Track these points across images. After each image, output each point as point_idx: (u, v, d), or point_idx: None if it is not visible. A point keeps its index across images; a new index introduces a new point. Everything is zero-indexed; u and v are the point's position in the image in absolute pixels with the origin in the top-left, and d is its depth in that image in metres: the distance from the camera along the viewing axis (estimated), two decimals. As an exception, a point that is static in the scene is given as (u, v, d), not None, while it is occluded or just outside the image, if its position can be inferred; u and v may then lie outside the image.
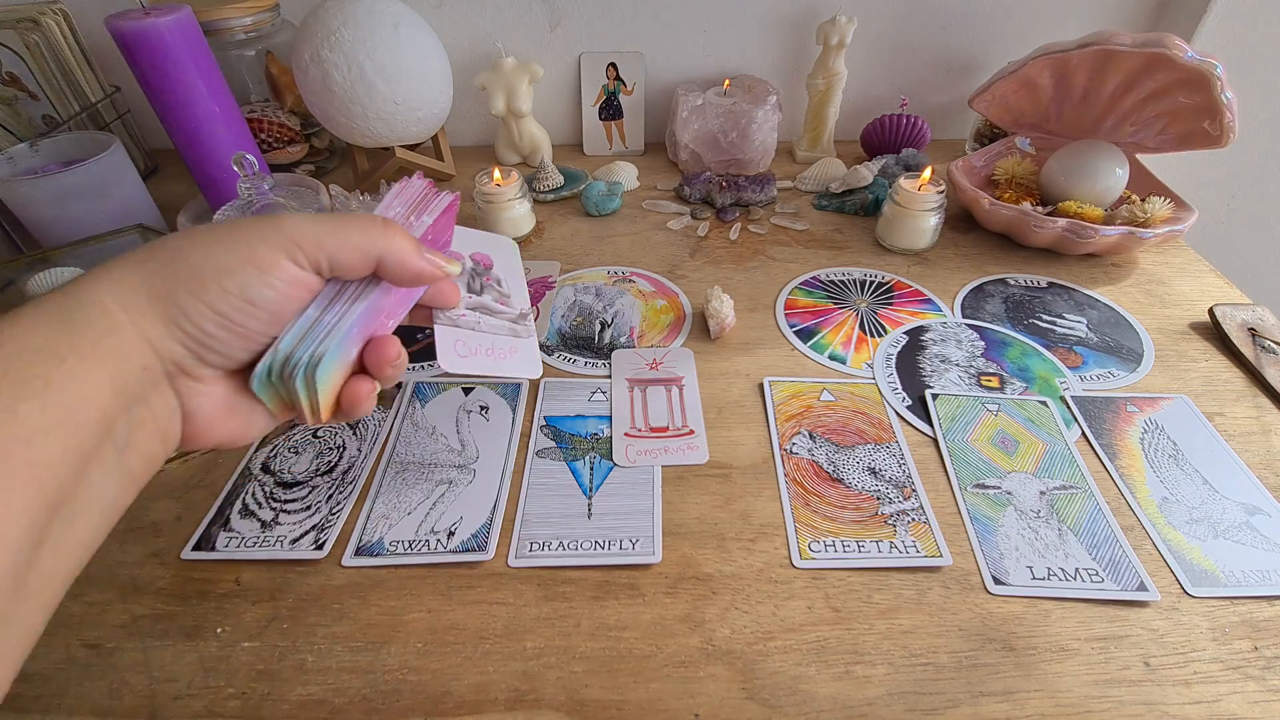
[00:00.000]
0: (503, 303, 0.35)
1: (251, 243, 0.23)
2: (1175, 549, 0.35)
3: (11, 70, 0.63)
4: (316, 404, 0.25)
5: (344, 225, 0.25)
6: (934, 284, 0.55)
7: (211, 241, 0.22)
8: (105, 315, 0.20)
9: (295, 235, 0.24)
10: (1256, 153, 0.79)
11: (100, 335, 0.20)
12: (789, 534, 0.36)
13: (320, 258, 0.24)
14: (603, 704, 0.29)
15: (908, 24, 0.73)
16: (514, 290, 0.36)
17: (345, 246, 0.25)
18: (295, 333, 0.25)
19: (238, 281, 0.22)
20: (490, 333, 0.33)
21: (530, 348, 0.35)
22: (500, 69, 0.68)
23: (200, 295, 0.22)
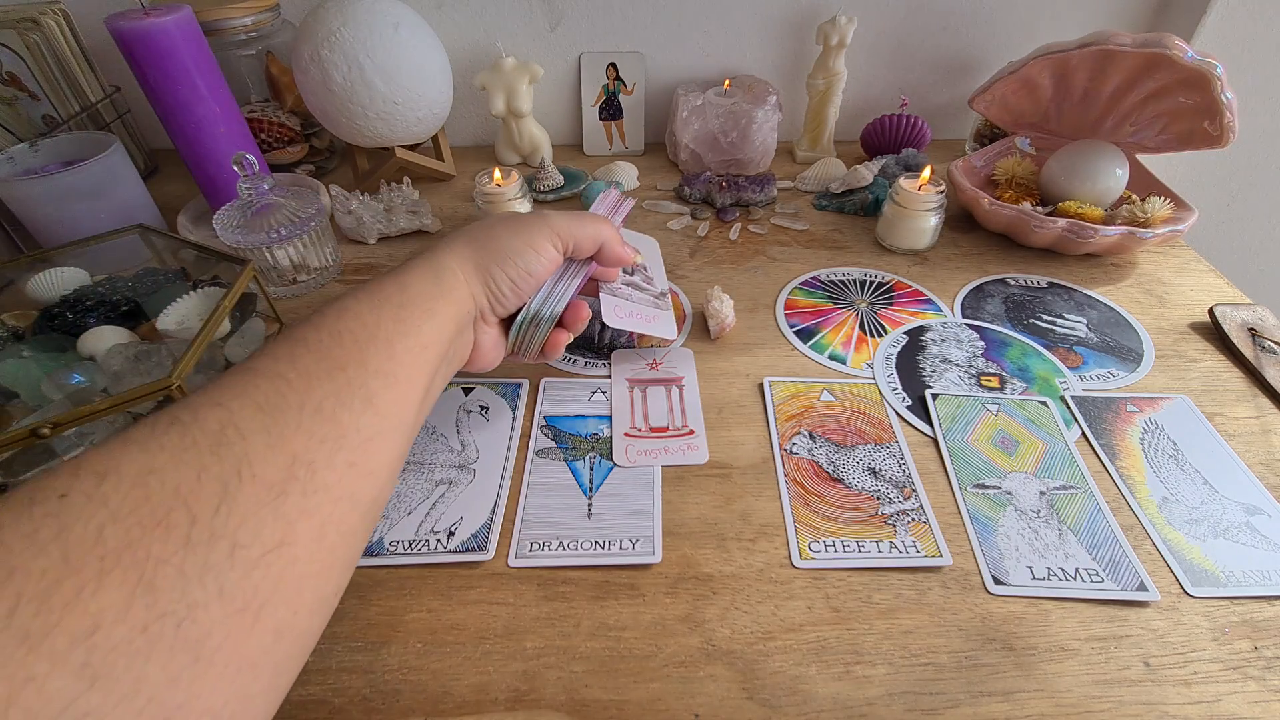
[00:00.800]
0: (647, 283, 0.46)
1: (531, 233, 0.34)
2: (1175, 549, 0.35)
3: (11, 70, 0.63)
4: (543, 346, 0.38)
5: (583, 220, 0.37)
6: (934, 284, 0.55)
7: (510, 231, 0.34)
8: (453, 276, 0.32)
9: (557, 227, 0.35)
10: (1256, 153, 0.79)
11: (452, 288, 0.32)
12: (789, 534, 0.36)
13: (570, 243, 0.36)
14: (603, 704, 0.29)
15: (908, 24, 0.73)
16: (655, 275, 0.48)
17: (584, 235, 0.36)
18: (540, 296, 0.37)
19: (525, 259, 0.34)
20: (639, 304, 0.44)
21: (668, 318, 0.45)
22: (500, 69, 0.68)
23: (503, 267, 0.33)
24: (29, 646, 0.15)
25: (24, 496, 0.18)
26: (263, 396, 0.22)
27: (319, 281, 0.56)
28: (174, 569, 0.18)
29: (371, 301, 0.28)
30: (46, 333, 0.43)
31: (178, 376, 0.37)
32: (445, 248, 0.33)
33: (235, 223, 0.50)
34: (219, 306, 0.42)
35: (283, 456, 0.21)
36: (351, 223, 0.61)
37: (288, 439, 0.22)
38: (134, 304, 0.46)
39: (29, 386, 0.40)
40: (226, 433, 0.21)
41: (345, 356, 0.25)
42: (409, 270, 0.31)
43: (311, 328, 0.26)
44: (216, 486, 0.19)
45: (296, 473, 0.21)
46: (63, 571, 0.16)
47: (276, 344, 0.25)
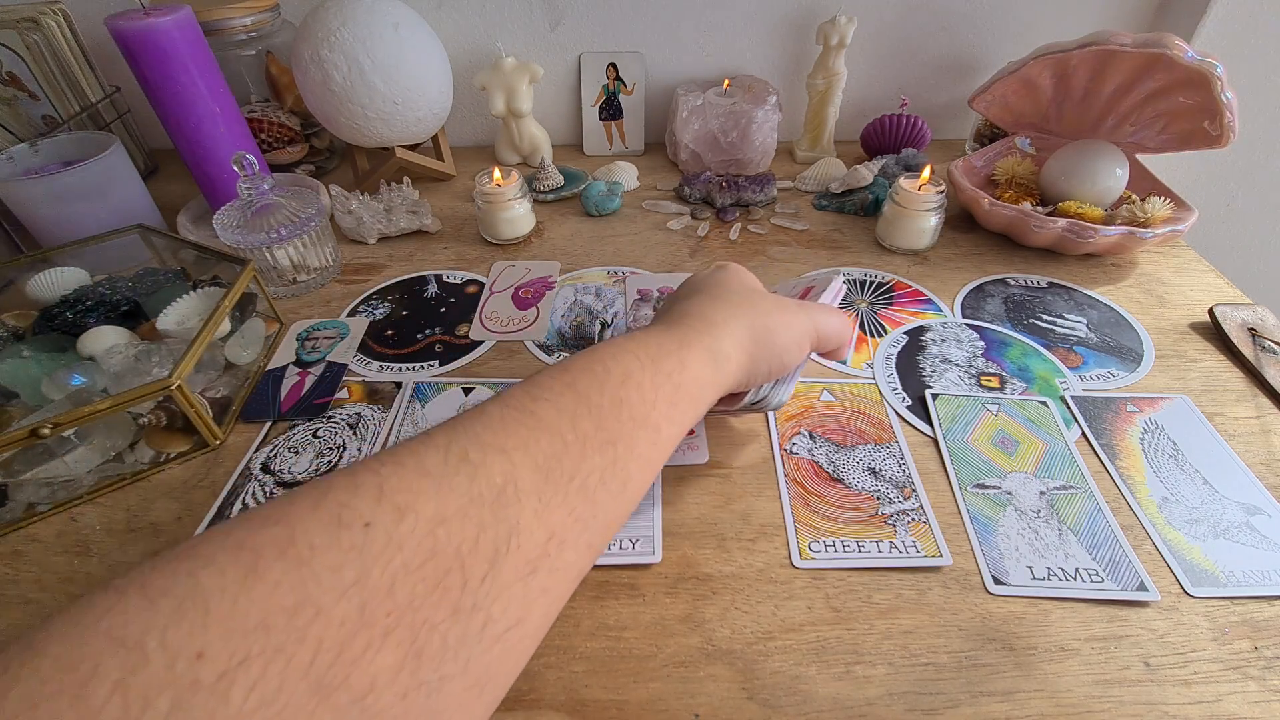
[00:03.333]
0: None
1: (798, 331, 0.34)
2: (1175, 549, 0.35)
3: (11, 70, 0.63)
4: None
5: (837, 322, 0.37)
6: (934, 284, 0.55)
7: (783, 325, 0.34)
8: (729, 364, 0.31)
9: (819, 325, 0.35)
10: (1256, 153, 0.79)
11: (726, 375, 0.31)
12: (789, 534, 0.36)
13: (821, 342, 0.36)
14: (603, 704, 0.29)
15: (908, 24, 0.73)
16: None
17: (833, 337, 0.36)
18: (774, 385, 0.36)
19: (789, 356, 0.34)
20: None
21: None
22: (500, 69, 0.68)
23: (769, 362, 0.33)
24: (320, 698, 0.15)
25: (333, 510, 0.18)
26: (542, 456, 0.22)
27: (319, 281, 0.56)
28: (440, 637, 0.18)
29: (654, 373, 0.27)
30: (46, 333, 0.44)
31: (178, 376, 0.37)
32: (726, 330, 0.31)
33: (235, 223, 0.50)
34: (219, 306, 0.42)
35: (544, 530, 0.21)
36: (351, 223, 0.61)
37: (553, 511, 0.21)
38: (134, 304, 0.46)
39: (29, 386, 0.40)
40: (507, 491, 0.20)
41: (619, 431, 0.25)
42: (689, 345, 0.29)
43: (594, 382, 0.25)
44: (489, 552, 0.19)
45: (549, 550, 0.21)
46: (358, 625, 0.16)
47: (559, 388, 0.24)
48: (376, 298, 0.55)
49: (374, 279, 0.57)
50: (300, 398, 0.45)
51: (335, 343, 0.49)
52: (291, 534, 0.17)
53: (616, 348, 0.28)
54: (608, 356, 0.27)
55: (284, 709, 0.15)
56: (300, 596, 0.16)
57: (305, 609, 0.16)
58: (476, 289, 0.56)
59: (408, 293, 0.55)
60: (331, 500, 0.18)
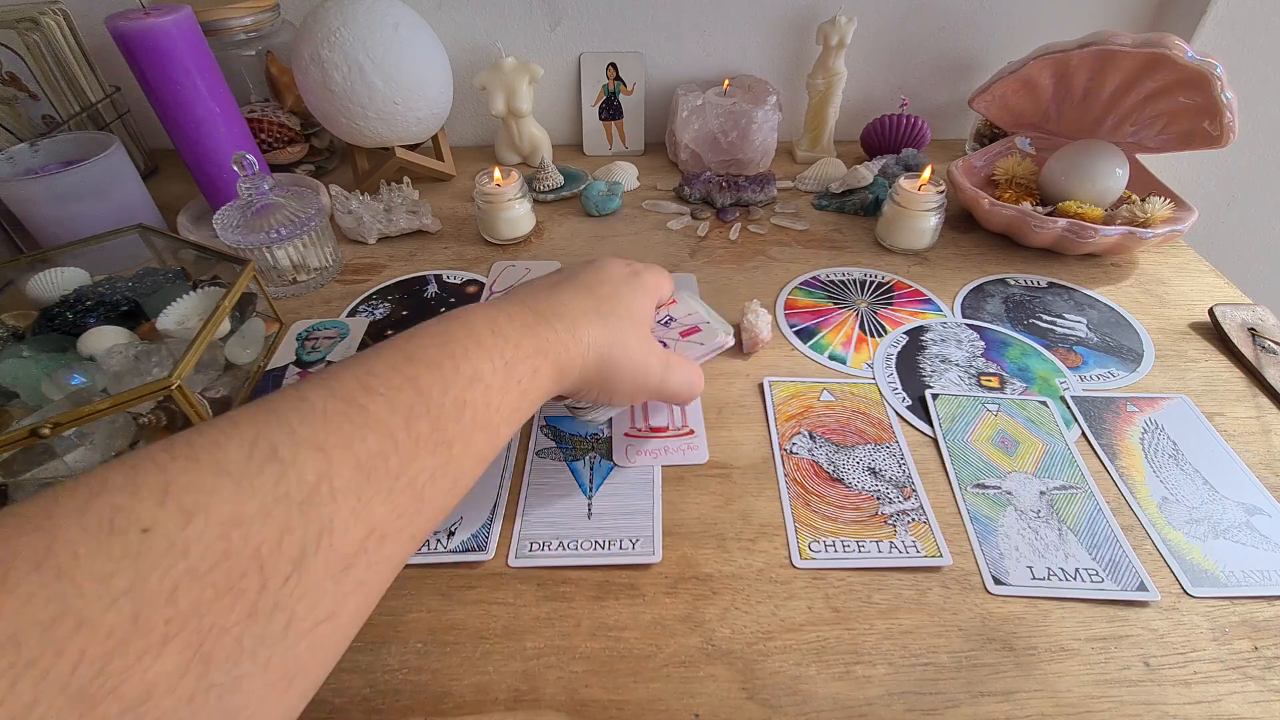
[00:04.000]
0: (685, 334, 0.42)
1: (644, 387, 0.33)
2: (1175, 549, 0.35)
3: (11, 70, 0.63)
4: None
5: (691, 383, 0.36)
6: (934, 284, 0.55)
7: (634, 373, 0.32)
8: (574, 376, 0.30)
9: (671, 387, 0.34)
10: (1256, 153, 0.79)
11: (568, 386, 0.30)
12: (789, 534, 0.36)
13: (658, 398, 0.35)
14: (603, 704, 0.29)
15: (908, 24, 0.73)
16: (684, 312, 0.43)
17: (680, 397, 0.36)
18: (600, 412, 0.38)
19: (620, 399, 0.33)
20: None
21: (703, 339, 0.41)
22: (500, 69, 0.68)
23: (602, 392, 0.32)
24: (83, 709, 0.14)
25: (104, 515, 0.16)
26: (366, 454, 0.21)
27: (319, 281, 0.56)
28: (232, 640, 0.17)
29: (505, 378, 0.26)
30: (46, 333, 0.43)
31: (178, 377, 0.37)
32: (584, 348, 0.30)
33: (235, 223, 0.50)
34: (219, 306, 0.42)
35: (363, 528, 0.20)
36: (351, 223, 0.61)
37: (374, 509, 0.20)
38: (134, 304, 0.46)
39: (29, 386, 0.40)
40: (319, 490, 0.19)
41: (458, 434, 0.24)
42: (545, 353, 0.28)
43: (438, 380, 0.24)
44: (294, 553, 0.18)
45: (368, 545, 0.20)
46: (130, 633, 0.15)
47: (398, 382, 0.23)
48: (376, 298, 0.55)
49: (374, 279, 0.57)
50: (300, 398, 0.45)
51: (335, 343, 0.49)
52: (50, 543, 0.15)
53: (469, 335, 0.26)
54: (458, 348, 0.25)
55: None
56: (59, 609, 0.15)
57: (65, 621, 0.15)
58: (476, 289, 0.56)
59: (408, 293, 0.55)
60: (103, 503, 0.16)
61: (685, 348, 0.39)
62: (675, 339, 0.40)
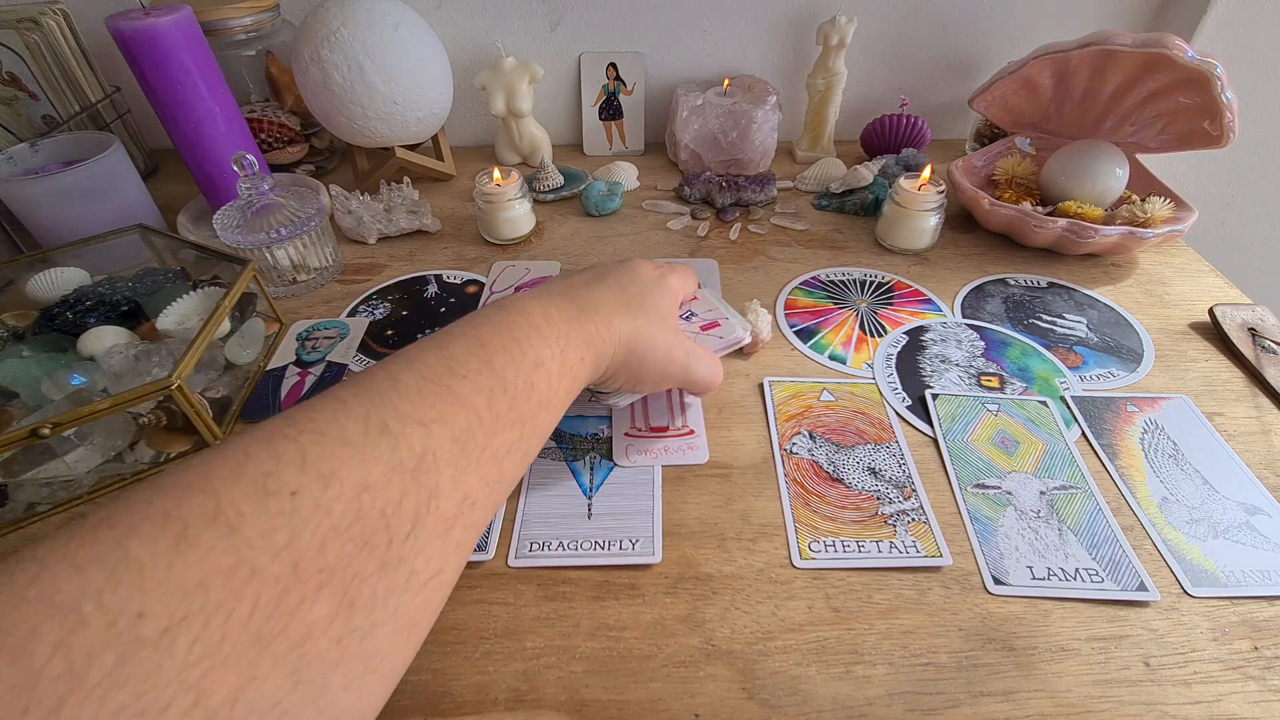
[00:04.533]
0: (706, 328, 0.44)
1: (669, 376, 0.36)
2: (1175, 549, 0.35)
3: (11, 70, 0.63)
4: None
5: (712, 375, 0.38)
6: (934, 284, 0.55)
7: (660, 362, 0.35)
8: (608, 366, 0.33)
9: (693, 376, 0.37)
10: (1256, 153, 0.79)
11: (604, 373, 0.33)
12: (789, 534, 0.36)
13: (682, 387, 0.38)
14: (603, 704, 0.29)
15: (908, 24, 0.73)
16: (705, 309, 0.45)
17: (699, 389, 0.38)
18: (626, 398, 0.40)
19: (645, 386, 0.36)
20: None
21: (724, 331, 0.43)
22: (500, 69, 0.68)
23: (629, 379, 0.35)
24: (260, 647, 0.17)
25: (257, 480, 0.18)
26: (459, 428, 0.23)
27: (319, 281, 0.56)
28: (369, 589, 0.19)
29: (560, 364, 0.29)
30: (46, 333, 0.44)
31: (178, 376, 0.37)
32: (617, 341, 0.32)
33: (235, 223, 0.50)
34: (219, 306, 0.42)
35: (460, 493, 0.23)
36: (351, 223, 0.61)
37: (467, 477, 0.23)
38: (134, 304, 0.46)
39: (29, 386, 0.40)
40: (426, 459, 0.22)
41: (529, 412, 0.27)
42: (590, 344, 0.31)
43: (510, 363, 0.26)
44: (411, 514, 0.21)
45: (464, 509, 0.23)
46: (292, 581, 0.17)
47: (476, 365, 0.25)
48: (376, 298, 0.55)
49: (374, 279, 0.57)
50: (301, 398, 0.45)
51: (335, 343, 0.49)
52: (218, 503, 0.17)
53: (529, 324, 0.28)
54: (522, 335, 0.28)
55: (227, 657, 0.16)
56: (235, 559, 0.17)
57: (241, 569, 0.17)
58: (476, 289, 0.56)
59: (408, 293, 0.55)
60: (254, 469, 0.19)
61: (706, 340, 0.41)
62: (696, 332, 0.42)
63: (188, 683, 0.15)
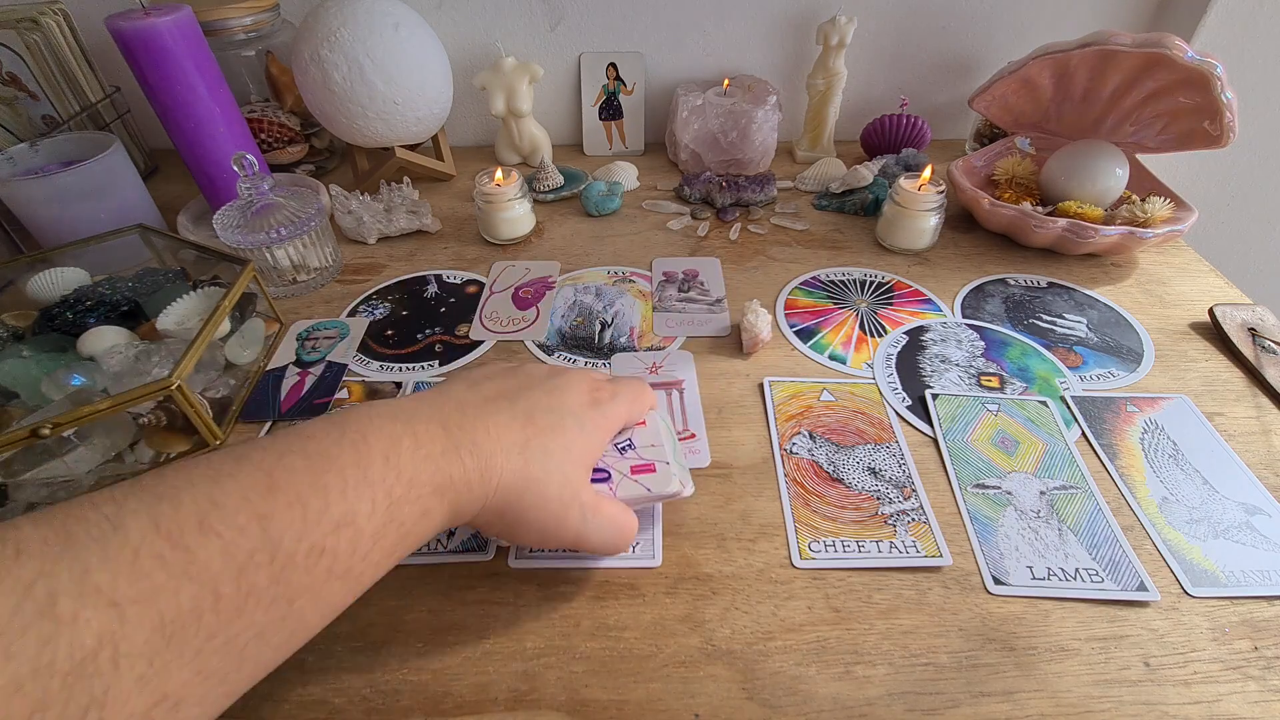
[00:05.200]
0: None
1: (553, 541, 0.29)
2: (1175, 549, 0.35)
3: (11, 70, 0.63)
4: None
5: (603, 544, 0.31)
6: (934, 284, 0.55)
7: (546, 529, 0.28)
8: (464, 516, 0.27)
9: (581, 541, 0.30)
10: (1256, 153, 0.79)
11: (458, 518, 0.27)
12: (789, 534, 0.36)
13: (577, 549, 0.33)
14: (603, 704, 0.29)
15: (908, 24, 0.73)
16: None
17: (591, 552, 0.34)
18: None
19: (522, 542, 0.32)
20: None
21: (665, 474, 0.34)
22: (500, 69, 0.68)
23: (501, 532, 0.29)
24: None
25: None
26: (174, 611, 0.17)
27: (319, 281, 0.56)
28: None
29: (385, 520, 0.22)
30: (46, 333, 0.44)
31: (178, 376, 0.37)
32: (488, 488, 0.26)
33: (235, 223, 0.50)
34: (219, 306, 0.42)
35: (149, 697, 0.17)
36: (351, 223, 0.61)
37: (170, 675, 0.17)
38: (134, 304, 0.46)
39: (29, 386, 0.40)
40: (100, 657, 0.16)
41: (306, 586, 0.20)
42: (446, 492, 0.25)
43: (295, 522, 0.20)
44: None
45: (154, 716, 0.17)
46: None
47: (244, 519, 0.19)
48: (376, 298, 0.55)
49: (374, 279, 0.57)
50: (300, 398, 0.45)
51: (335, 343, 0.49)
52: None
53: (358, 462, 0.22)
54: (334, 482, 0.21)
55: None
56: None
57: None
58: (476, 289, 0.56)
59: (408, 293, 0.55)
60: None
61: (627, 486, 0.33)
62: (624, 472, 0.33)
63: None
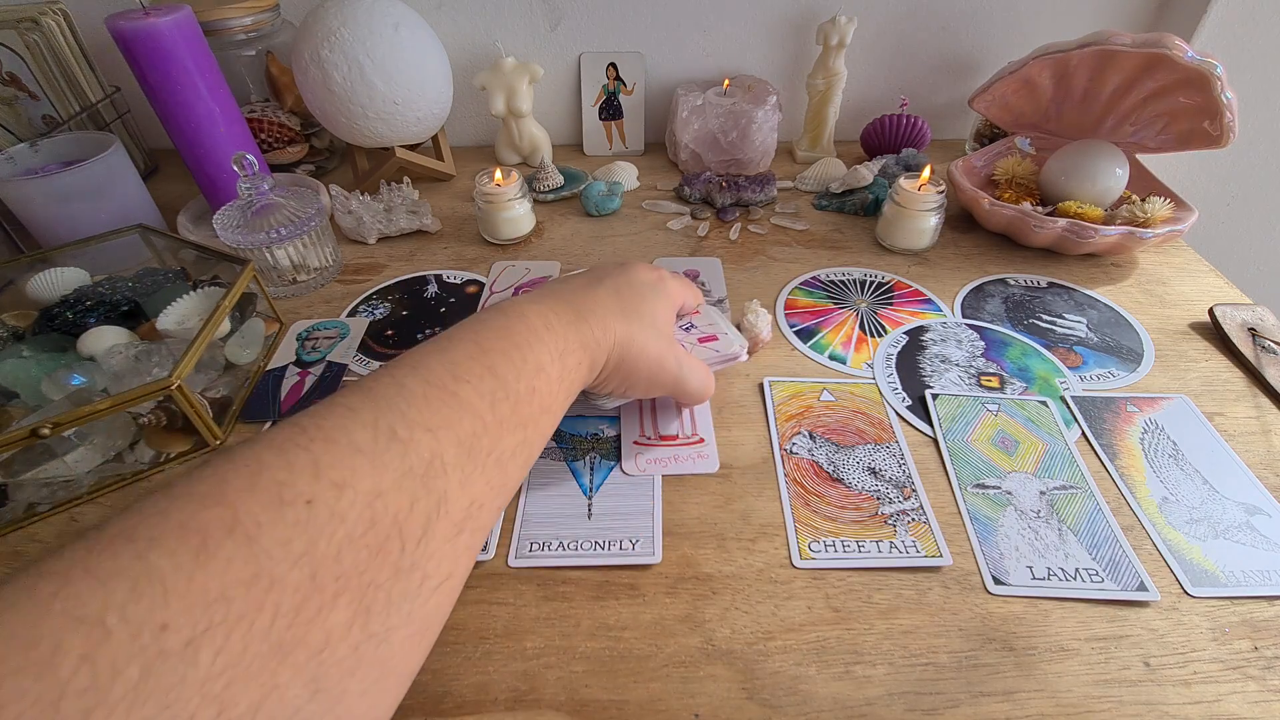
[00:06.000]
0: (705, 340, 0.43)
1: (659, 385, 0.36)
2: (1175, 549, 0.35)
3: (11, 70, 0.63)
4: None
5: (705, 387, 0.38)
6: (934, 284, 0.55)
7: (653, 371, 0.35)
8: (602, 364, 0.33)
9: (678, 387, 0.36)
10: (1256, 153, 0.79)
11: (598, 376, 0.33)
12: (789, 534, 0.36)
13: (673, 397, 0.39)
14: (603, 704, 0.29)
15: (908, 24, 0.73)
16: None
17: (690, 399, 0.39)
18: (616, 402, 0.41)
19: (635, 393, 0.36)
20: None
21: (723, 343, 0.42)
22: (500, 69, 0.68)
23: (619, 386, 0.35)
24: (280, 657, 0.17)
25: (272, 490, 0.18)
26: (464, 433, 0.23)
27: (319, 281, 0.56)
28: (384, 595, 0.20)
29: (560, 369, 0.29)
30: (46, 333, 0.44)
31: (178, 376, 0.37)
32: (612, 346, 0.32)
33: (235, 223, 0.50)
34: (219, 306, 0.42)
35: (467, 498, 0.23)
36: (351, 223, 0.61)
37: (474, 481, 0.24)
38: (134, 304, 0.46)
39: (29, 386, 0.40)
40: (434, 465, 0.22)
41: (530, 415, 0.27)
42: (586, 349, 0.31)
43: (512, 369, 0.27)
44: (422, 519, 0.21)
45: (472, 513, 0.23)
46: (310, 589, 0.18)
47: (480, 371, 0.26)
48: (376, 298, 0.55)
49: (374, 279, 0.57)
50: (300, 398, 0.45)
51: (335, 343, 0.49)
52: (235, 514, 0.18)
53: (529, 329, 0.29)
54: (522, 340, 0.28)
55: (249, 668, 0.16)
56: (255, 570, 0.17)
57: (260, 580, 0.17)
58: (476, 289, 0.56)
59: (408, 293, 0.55)
60: (268, 479, 0.19)
61: (701, 352, 0.41)
62: (693, 343, 0.42)
63: (211, 694, 0.15)
